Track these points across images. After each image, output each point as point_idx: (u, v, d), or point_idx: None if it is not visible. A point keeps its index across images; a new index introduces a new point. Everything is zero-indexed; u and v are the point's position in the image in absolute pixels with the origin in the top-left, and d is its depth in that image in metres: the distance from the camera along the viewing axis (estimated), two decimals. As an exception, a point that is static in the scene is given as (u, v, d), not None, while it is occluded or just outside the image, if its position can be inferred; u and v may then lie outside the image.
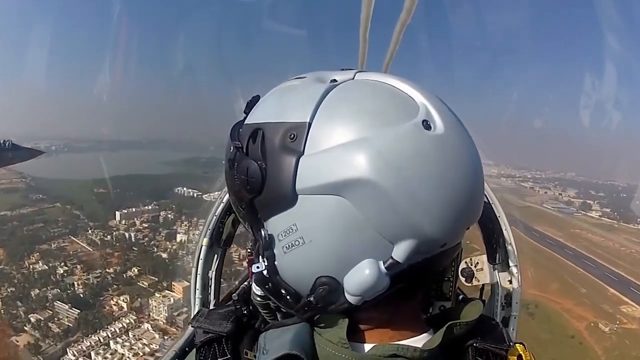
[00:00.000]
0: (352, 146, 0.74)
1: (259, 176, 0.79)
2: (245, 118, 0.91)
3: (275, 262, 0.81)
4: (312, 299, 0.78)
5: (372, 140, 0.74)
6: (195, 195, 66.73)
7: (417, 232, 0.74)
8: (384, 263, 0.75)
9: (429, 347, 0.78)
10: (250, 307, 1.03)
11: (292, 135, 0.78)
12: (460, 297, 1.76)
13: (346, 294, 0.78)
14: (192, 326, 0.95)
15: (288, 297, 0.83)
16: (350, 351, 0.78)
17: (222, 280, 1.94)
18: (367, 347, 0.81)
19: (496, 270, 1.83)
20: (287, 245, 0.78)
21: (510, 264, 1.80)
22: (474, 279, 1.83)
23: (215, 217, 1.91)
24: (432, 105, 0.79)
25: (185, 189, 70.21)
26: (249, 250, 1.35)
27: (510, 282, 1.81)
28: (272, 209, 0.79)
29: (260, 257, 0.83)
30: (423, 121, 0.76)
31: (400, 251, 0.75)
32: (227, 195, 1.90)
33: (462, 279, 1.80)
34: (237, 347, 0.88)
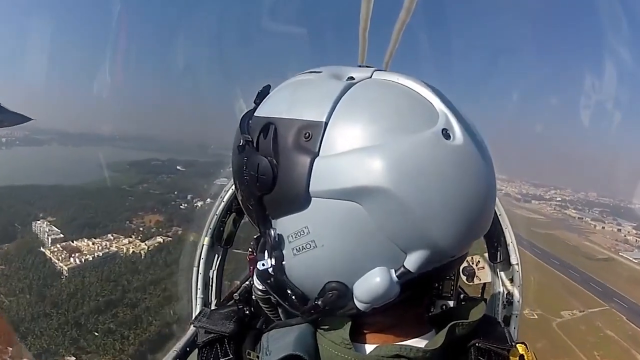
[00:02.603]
0: (370, 152, 0.71)
1: (270, 174, 0.76)
2: (254, 109, 0.88)
3: (283, 263, 0.80)
4: (320, 302, 0.77)
5: (390, 147, 0.71)
6: (47, 238, 45.77)
7: (430, 243, 0.73)
8: (395, 271, 0.74)
9: (432, 347, 0.78)
10: (252, 308, 1.03)
11: (307, 134, 0.75)
12: (462, 295, 1.76)
13: (355, 300, 0.76)
14: (194, 326, 0.95)
15: (294, 297, 0.82)
16: (353, 352, 0.78)
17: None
18: (370, 347, 0.81)
19: (497, 269, 1.84)
20: (297, 248, 0.77)
21: (512, 262, 1.80)
22: (475, 277, 1.83)
23: (216, 217, 1.91)
24: (452, 113, 0.76)
25: (45, 224, 47.88)
26: (250, 250, 1.35)
27: (512, 280, 1.81)
28: (283, 209, 0.77)
29: (267, 255, 0.82)
30: (443, 130, 0.74)
31: (412, 261, 0.73)
32: (228, 194, 1.91)
33: (464, 278, 1.80)
34: (239, 347, 0.88)
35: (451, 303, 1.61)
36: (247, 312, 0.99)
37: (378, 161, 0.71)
